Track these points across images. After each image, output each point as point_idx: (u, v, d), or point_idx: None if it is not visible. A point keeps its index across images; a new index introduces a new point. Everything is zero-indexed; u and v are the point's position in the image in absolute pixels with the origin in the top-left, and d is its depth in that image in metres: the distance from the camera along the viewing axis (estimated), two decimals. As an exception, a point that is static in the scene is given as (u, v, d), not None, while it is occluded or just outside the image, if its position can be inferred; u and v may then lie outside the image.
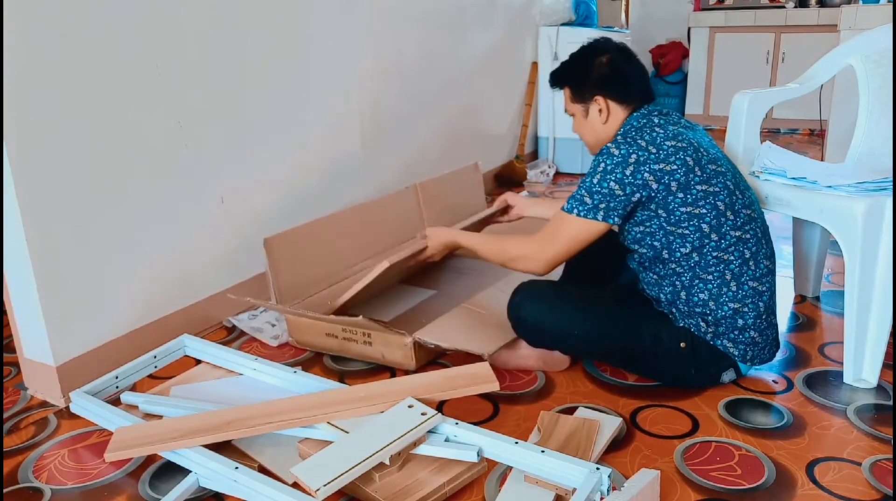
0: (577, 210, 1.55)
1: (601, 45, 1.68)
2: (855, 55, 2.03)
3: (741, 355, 1.59)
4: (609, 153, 1.53)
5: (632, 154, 1.50)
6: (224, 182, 2.04)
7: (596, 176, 1.54)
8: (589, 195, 1.54)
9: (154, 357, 1.71)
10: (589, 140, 1.71)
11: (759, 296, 1.58)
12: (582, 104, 1.67)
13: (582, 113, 1.68)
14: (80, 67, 1.60)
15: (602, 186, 1.52)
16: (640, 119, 1.61)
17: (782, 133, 5.16)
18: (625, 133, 1.59)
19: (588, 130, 1.70)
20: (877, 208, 1.56)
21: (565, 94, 1.71)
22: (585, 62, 1.67)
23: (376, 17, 2.64)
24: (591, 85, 1.65)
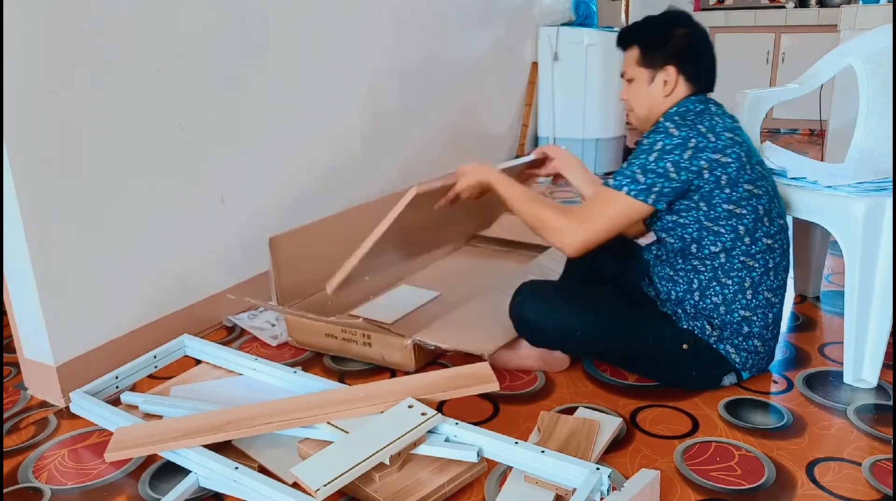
0: (629, 188, 1.47)
1: (682, 18, 1.59)
2: (855, 55, 2.03)
3: (742, 362, 1.59)
4: (668, 132, 1.47)
5: (691, 138, 1.45)
6: (224, 182, 2.04)
7: (652, 154, 1.46)
8: (642, 173, 1.46)
9: (154, 357, 1.71)
10: (640, 110, 1.62)
11: (770, 307, 1.57)
12: (649, 70, 1.57)
13: (646, 79, 1.58)
14: (81, 66, 1.60)
15: (658, 165, 1.45)
16: (697, 103, 1.54)
17: (782, 133, 5.16)
18: (682, 114, 1.52)
19: (644, 99, 1.60)
20: (877, 208, 1.56)
21: (630, 55, 1.61)
22: (665, 27, 1.57)
23: (376, 17, 2.64)
24: (666, 52, 1.55)
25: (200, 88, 1.93)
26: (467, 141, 3.48)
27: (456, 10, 3.25)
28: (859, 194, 1.59)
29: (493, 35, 3.63)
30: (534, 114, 4.15)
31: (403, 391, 1.41)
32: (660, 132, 1.48)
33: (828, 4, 5.06)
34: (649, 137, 1.49)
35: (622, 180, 1.48)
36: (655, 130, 1.49)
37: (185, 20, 1.86)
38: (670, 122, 1.49)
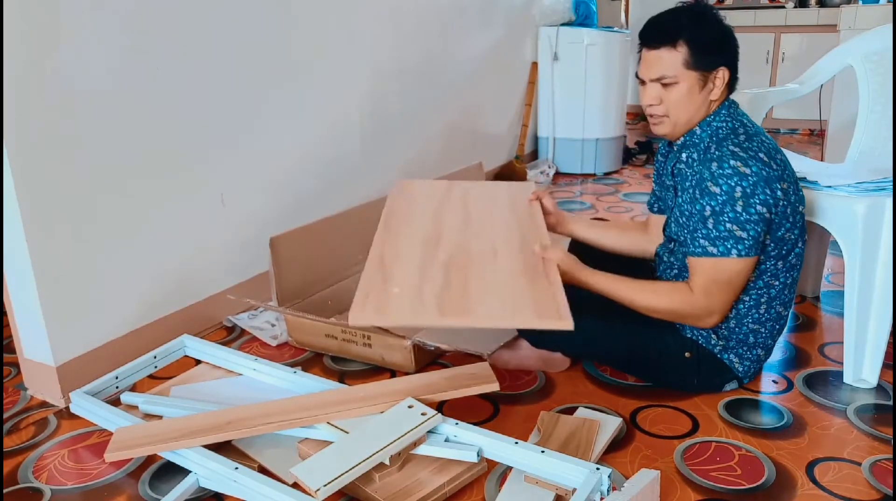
0: (737, 251, 1.36)
1: (710, 8, 1.41)
2: (855, 55, 2.03)
3: (745, 371, 1.59)
4: (740, 173, 1.33)
5: (762, 169, 1.34)
6: (224, 183, 2.04)
7: (737, 203, 1.33)
8: (741, 228, 1.34)
9: (154, 357, 1.71)
10: (681, 117, 1.44)
11: (779, 319, 1.56)
12: (701, 72, 1.39)
13: (697, 83, 1.39)
14: (81, 66, 1.60)
15: (750, 213, 1.34)
16: (737, 117, 1.43)
17: (782, 133, 5.16)
18: (736, 136, 1.38)
19: (689, 106, 1.41)
20: (877, 208, 1.56)
21: (671, 54, 1.38)
22: (715, 21, 1.39)
23: (376, 17, 2.64)
24: (721, 50, 1.38)
25: (200, 87, 1.92)
26: (467, 141, 3.48)
27: (456, 10, 3.25)
28: (859, 193, 1.59)
29: (493, 35, 3.63)
30: (534, 114, 4.15)
31: (403, 391, 1.41)
32: (729, 175, 1.33)
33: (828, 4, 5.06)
34: (720, 184, 1.34)
35: (726, 245, 1.36)
36: (722, 173, 1.33)
37: (185, 20, 1.86)
38: (731, 154, 1.34)
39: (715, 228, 1.37)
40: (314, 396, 1.46)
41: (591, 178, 4.01)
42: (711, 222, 1.37)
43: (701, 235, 1.40)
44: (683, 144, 1.51)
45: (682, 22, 1.39)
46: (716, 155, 1.38)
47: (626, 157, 4.35)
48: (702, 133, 1.47)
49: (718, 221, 1.36)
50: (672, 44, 1.38)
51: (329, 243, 2.09)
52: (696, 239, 1.41)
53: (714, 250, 1.38)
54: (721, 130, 1.44)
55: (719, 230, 1.37)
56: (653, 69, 1.41)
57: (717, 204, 1.35)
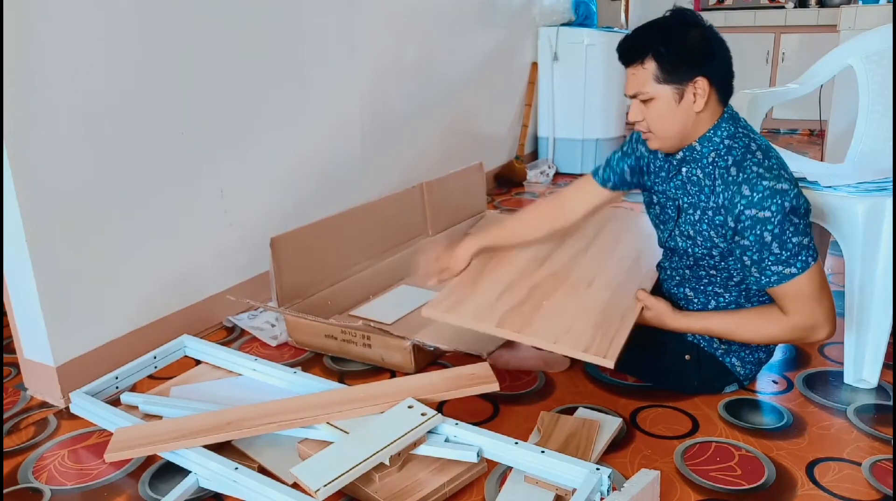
0: (812, 258, 1.34)
1: (690, 17, 1.37)
2: (855, 55, 2.03)
3: (746, 374, 1.59)
4: (778, 190, 1.31)
5: (791, 179, 1.34)
6: (225, 183, 2.04)
7: (792, 216, 1.32)
8: (804, 235, 1.34)
9: (154, 358, 1.71)
10: (668, 132, 1.40)
11: None
12: (675, 86, 1.35)
13: (673, 97, 1.36)
14: (80, 66, 1.60)
15: (805, 221, 1.34)
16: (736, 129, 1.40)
17: (782, 133, 5.16)
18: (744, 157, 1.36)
19: (673, 121, 1.38)
20: (877, 208, 1.56)
21: (641, 70, 1.37)
22: (680, 31, 1.35)
23: (376, 18, 2.64)
24: (692, 59, 1.34)
25: (201, 88, 1.92)
26: (467, 141, 3.49)
27: (456, 11, 3.25)
28: (859, 194, 1.59)
29: (493, 35, 3.63)
30: (534, 114, 4.15)
31: (403, 392, 1.41)
32: (766, 193, 1.31)
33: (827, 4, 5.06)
34: (764, 205, 1.31)
35: (804, 257, 1.34)
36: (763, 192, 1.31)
37: (189, 24, 1.86)
38: (758, 176, 1.32)
39: (783, 248, 1.33)
40: (314, 396, 1.46)
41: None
42: (777, 246, 1.33)
43: (770, 262, 1.35)
44: (683, 159, 1.46)
45: (650, 37, 1.36)
46: (741, 178, 1.34)
47: (626, 157, 4.34)
48: (702, 149, 1.41)
49: (783, 241, 1.33)
50: (640, 61, 1.36)
51: (329, 244, 2.10)
52: (766, 268, 1.36)
53: (793, 270, 1.35)
54: (735, 150, 1.38)
55: (789, 249, 1.33)
56: (630, 86, 1.40)
57: (775, 226, 1.32)
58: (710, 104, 1.38)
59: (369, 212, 2.28)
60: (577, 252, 1.71)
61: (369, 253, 2.24)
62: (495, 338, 1.69)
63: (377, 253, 2.27)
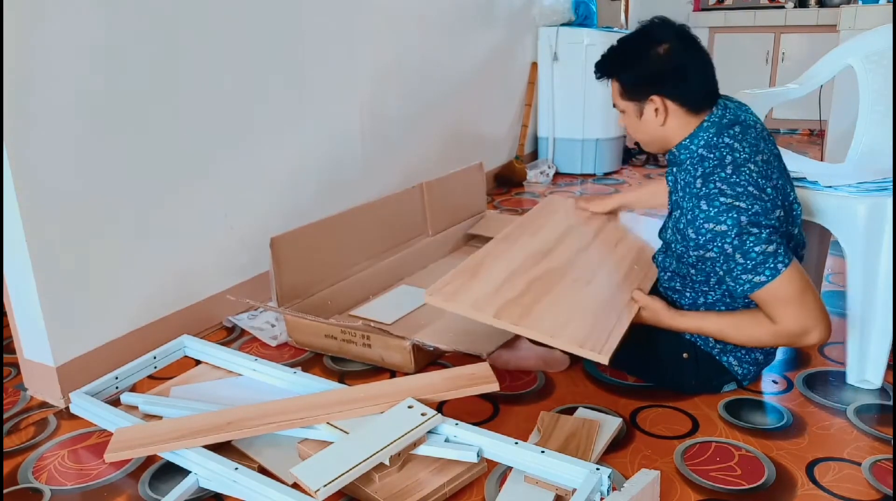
0: (783, 264, 1.34)
1: (658, 32, 1.43)
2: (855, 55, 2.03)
3: (743, 373, 1.59)
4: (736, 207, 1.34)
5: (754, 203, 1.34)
6: (225, 183, 2.04)
7: (751, 228, 1.33)
8: (769, 244, 1.34)
9: (154, 358, 1.71)
10: (645, 138, 1.52)
11: None
12: (634, 102, 1.46)
13: (635, 112, 1.47)
14: (81, 67, 1.60)
15: (763, 230, 1.34)
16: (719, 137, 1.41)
17: (782, 133, 5.16)
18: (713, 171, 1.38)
19: (645, 131, 1.49)
20: (878, 208, 1.56)
21: (613, 86, 1.49)
22: (639, 52, 1.43)
23: (376, 18, 2.64)
24: (645, 81, 1.43)
25: (202, 88, 1.92)
26: (467, 141, 3.49)
27: (456, 11, 3.25)
28: (860, 194, 1.59)
29: (493, 35, 3.63)
30: (533, 114, 4.15)
31: (403, 392, 1.41)
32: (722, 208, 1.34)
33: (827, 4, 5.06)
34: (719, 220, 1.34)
35: (772, 264, 1.34)
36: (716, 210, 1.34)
37: (189, 24, 1.86)
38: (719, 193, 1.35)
39: (746, 258, 1.34)
40: (314, 396, 1.46)
41: (591, 178, 4.01)
42: (740, 256, 1.35)
43: (739, 271, 1.36)
44: (670, 161, 1.54)
45: (612, 60, 1.48)
46: (703, 192, 1.37)
47: (626, 157, 4.35)
48: (680, 156, 1.48)
49: (745, 251, 1.34)
50: (609, 78, 1.50)
51: (329, 244, 2.10)
52: (737, 277, 1.37)
53: (762, 278, 1.35)
54: (707, 162, 1.41)
55: (753, 258, 1.34)
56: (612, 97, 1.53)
57: (733, 238, 1.34)
58: (674, 117, 1.44)
59: (369, 212, 2.28)
60: (578, 250, 1.72)
61: (369, 253, 2.24)
62: (495, 338, 1.69)
63: (377, 253, 2.27)
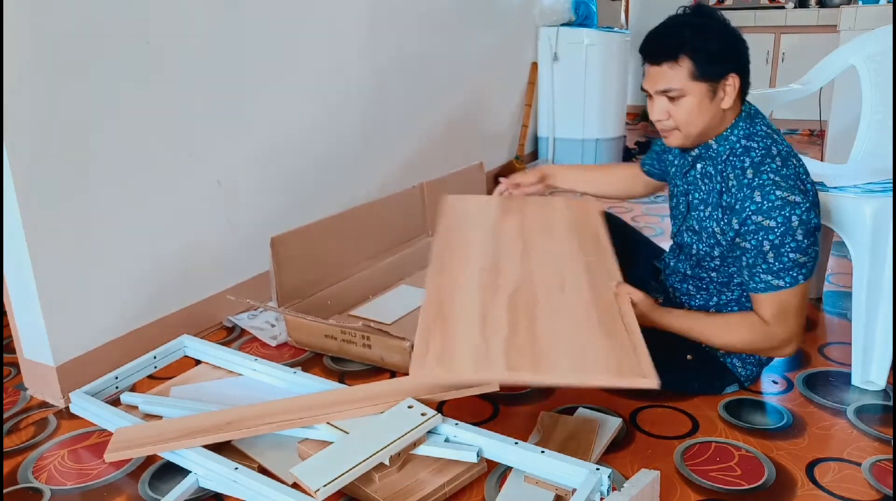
0: (803, 276, 1.34)
1: (714, 13, 1.35)
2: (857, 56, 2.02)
3: (746, 375, 1.59)
4: (790, 202, 1.30)
5: (807, 197, 1.32)
6: (225, 184, 2.04)
7: (797, 232, 1.31)
8: (802, 254, 1.33)
9: (154, 358, 1.71)
10: (695, 130, 1.38)
11: None
12: (709, 82, 1.33)
13: (707, 94, 1.34)
14: (81, 66, 1.60)
15: (810, 239, 1.33)
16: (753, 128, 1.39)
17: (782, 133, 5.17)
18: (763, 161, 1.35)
19: (703, 117, 1.36)
20: (885, 209, 1.55)
21: (678, 68, 1.33)
22: (712, 27, 1.32)
23: (376, 17, 2.64)
24: (729, 58, 1.33)
25: (200, 89, 1.92)
26: (467, 141, 3.48)
27: (456, 10, 3.25)
28: (866, 195, 1.59)
29: (493, 35, 3.63)
30: (534, 114, 4.15)
31: (403, 392, 1.41)
32: (777, 204, 1.30)
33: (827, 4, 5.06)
34: (771, 215, 1.30)
35: (795, 274, 1.33)
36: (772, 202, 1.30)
37: (186, 22, 1.86)
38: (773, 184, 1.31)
39: (777, 260, 1.33)
40: (314, 396, 1.45)
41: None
42: (772, 256, 1.34)
43: (762, 270, 1.36)
44: (698, 156, 1.46)
45: (684, 35, 1.33)
46: (755, 183, 1.34)
47: (626, 157, 4.35)
48: (718, 148, 1.41)
49: (780, 253, 1.33)
50: (675, 59, 1.33)
51: (329, 244, 2.10)
52: (757, 274, 1.37)
53: (781, 283, 1.35)
54: (753, 152, 1.37)
55: (783, 263, 1.33)
56: (658, 82, 1.37)
57: (776, 237, 1.32)
58: (736, 102, 1.37)
59: (369, 212, 2.28)
60: (522, 254, 1.55)
61: (369, 253, 2.25)
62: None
63: (377, 253, 2.28)
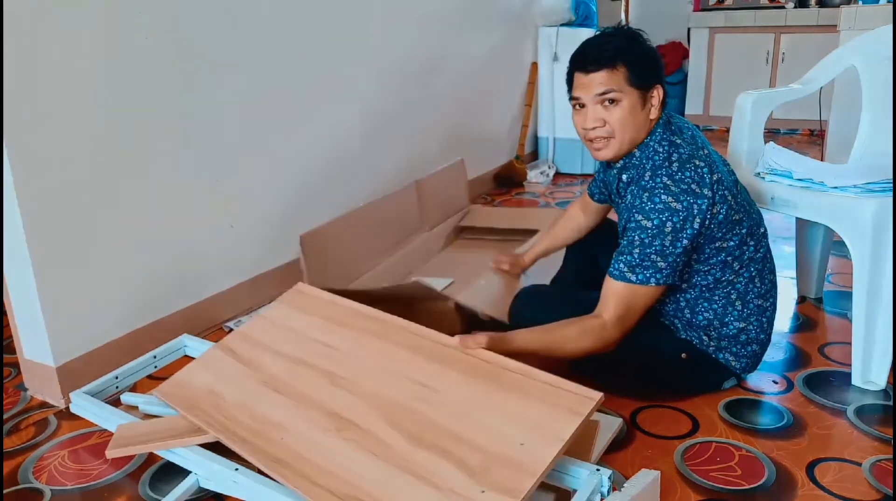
0: (656, 279, 1.40)
1: (635, 30, 1.47)
2: (857, 56, 2.02)
3: (742, 367, 1.59)
4: (671, 209, 1.37)
5: (693, 205, 1.38)
6: (224, 182, 2.04)
7: (666, 237, 1.38)
8: (663, 259, 1.39)
9: (154, 357, 1.71)
10: (626, 136, 1.45)
11: (763, 312, 1.56)
12: (641, 90, 1.43)
13: (638, 101, 1.43)
14: (81, 66, 1.60)
15: (676, 246, 1.39)
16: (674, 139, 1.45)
17: (782, 133, 5.16)
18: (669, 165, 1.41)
19: (633, 125, 1.44)
20: (885, 209, 1.55)
21: (616, 73, 1.41)
22: (642, 41, 1.44)
23: (377, 17, 2.64)
24: (655, 66, 1.43)
25: (201, 87, 1.92)
26: (467, 141, 3.48)
27: (456, 11, 3.25)
28: (867, 195, 1.59)
29: (493, 35, 3.63)
30: (534, 114, 4.15)
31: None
32: (661, 211, 1.37)
33: (828, 4, 5.06)
34: (651, 217, 1.37)
35: (647, 274, 1.40)
36: (654, 207, 1.37)
37: (185, 22, 1.86)
38: (663, 187, 1.38)
39: (640, 256, 1.40)
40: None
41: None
42: (637, 251, 1.40)
43: (623, 260, 1.42)
44: (623, 167, 1.52)
45: (620, 45, 1.42)
46: (649, 185, 1.41)
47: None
48: (640, 155, 1.48)
49: (644, 251, 1.40)
50: (613, 65, 1.41)
51: (350, 240, 2.16)
52: (618, 261, 1.43)
53: (632, 277, 1.41)
54: (658, 156, 1.45)
55: (642, 260, 1.40)
56: (596, 87, 1.42)
57: (647, 237, 1.39)
58: (658, 113, 1.47)
59: (376, 209, 2.36)
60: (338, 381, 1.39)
61: (381, 249, 2.31)
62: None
63: (387, 248, 2.34)
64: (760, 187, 1.78)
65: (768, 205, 1.77)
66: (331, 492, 1.12)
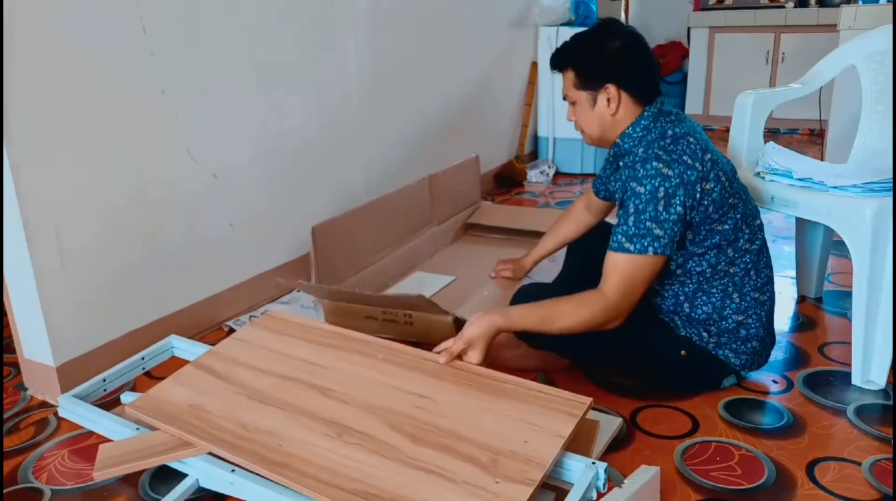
0: (653, 248, 1.40)
1: (615, 28, 1.54)
2: (857, 55, 2.02)
3: (742, 364, 1.59)
4: (661, 173, 1.39)
5: (684, 173, 1.39)
6: (225, 184, 2.04)
7: (659, 202, 1.39)
8: (658, 226, 1.40)
9: (142, 359, 1.67)
10: (593, 132, 1.57)
11: (760, 306, 1.56)
12: (588, 92, 1.53)
13: (588, 102, 1.53)
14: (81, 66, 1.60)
15: (670, 212, 1.39)
16: (664, 121, 1.49)
17: (782, 133, 5.16)
18: (661, 141, 1.44)
19: (593, 122, 1.55)
20: (885, 208, 1.55)
21: (566, 78, 1.56)
22: (596, 44, 1.52)
23: (376, 17, 2.64)
24: (602, 70, 1.50)
25: (201, 88, 1.92)
26: (467, 141, 3.48)
27: (456, 11, 3.25)
28: (867, 194, 1.59)
29: (493, 35, 3.63)
30: (533, 114, 4.15)
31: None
32: (653, 176, 1.40)
33: (827, 4, 5.06)
34: (645, 183, 1.40)
35: (644, 242, 1.40)
36: (646, 174, 1.40)
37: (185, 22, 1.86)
38: (655, 157, 1.41)
39: (635, 225, 1.41)
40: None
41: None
42: (633, 220, 1.41)
43: (621, 230, 1.43)
44: (615, 154, 1.62)
45: (569, 51, 1.55)
46: (641, 156, 1.45)
47: (626, 157, 4.35)
48: (624, 144, 1.54)
49: (639, 219, 1.41)
50: (563, 70, 1.57)
51: (359, 233, 2.19)
52: (616, 233, 1.44)
53: (631, 247, 1.41)
54: (650, 134, 1.50)
55: (639, 228, 1.41)
56: (563, 90, 1.59)
57: (641, 202, 1.41)
58: (624, 107, 1.52)
59: (387, 203, 2.38)
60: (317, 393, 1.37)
61: (388, 242, 2.34)
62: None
63: (394, 242, 2.36)
64: (760, 187, 1.78)
65: (768, 205, 1.77)
66: (343, 490, 1.11)
